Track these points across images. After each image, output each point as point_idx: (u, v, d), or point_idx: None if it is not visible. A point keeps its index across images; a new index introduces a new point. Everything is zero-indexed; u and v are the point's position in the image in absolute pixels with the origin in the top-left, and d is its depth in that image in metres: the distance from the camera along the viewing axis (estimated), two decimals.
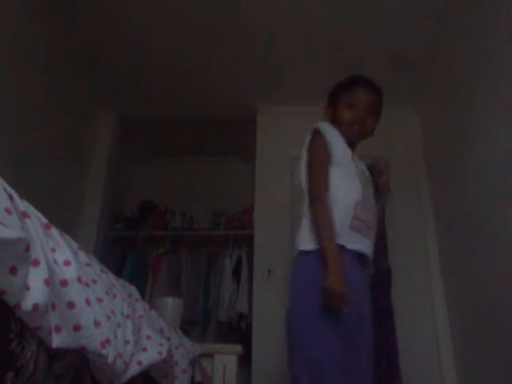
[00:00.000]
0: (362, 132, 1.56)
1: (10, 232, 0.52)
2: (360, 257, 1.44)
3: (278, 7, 2.57)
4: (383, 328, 2.66)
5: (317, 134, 1.53)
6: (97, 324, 0.71)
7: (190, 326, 3.25)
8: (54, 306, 0.63)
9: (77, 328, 0.67)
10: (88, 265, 0.84)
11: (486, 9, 2.24)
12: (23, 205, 0.61)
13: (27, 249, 0.56)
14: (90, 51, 2.95)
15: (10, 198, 0.57)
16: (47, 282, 0.59)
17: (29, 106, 2.46)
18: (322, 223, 1.39)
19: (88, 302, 0.71)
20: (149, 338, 1.01)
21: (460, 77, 2.60)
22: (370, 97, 1.56)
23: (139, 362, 0.90)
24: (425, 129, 3.23)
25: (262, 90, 3.31)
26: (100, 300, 0.79)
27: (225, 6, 2.57)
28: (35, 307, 0.57)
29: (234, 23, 2.69)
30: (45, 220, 0.69)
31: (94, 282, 0.81)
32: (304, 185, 1.54)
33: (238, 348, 1.91)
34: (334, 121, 1.58)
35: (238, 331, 3.27)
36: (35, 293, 0.57)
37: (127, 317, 0.93)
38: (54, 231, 0.70)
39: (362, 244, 1.45)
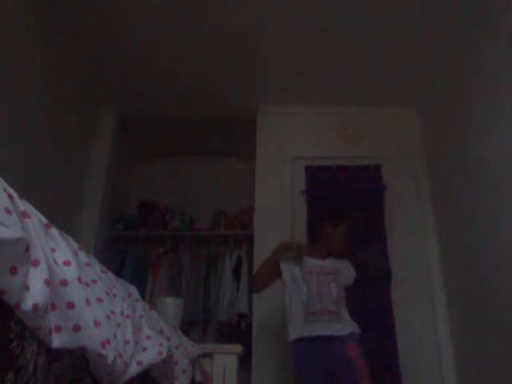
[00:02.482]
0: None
1: (10, 232, 0.52)
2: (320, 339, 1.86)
3: (279, 8, 2.57)
4: (383, 328, 2.66)
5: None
6: (97, 324, 0.71)
7: (190, 325, 3.25)
8: (53, 306, 0.63)
9: (77, 328, 0.67)
10: (88, 265, 0.83)
11: (486, 9, 2.25)
12: (23, 205, 0.61)
13: (27, 249, 0.56)
14: (91, 51, 2.95)
15: (10, 197, 0.57)
16: (47, 282, 0.59)
17: (29, 106, 2.46)
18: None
19: (88, 302, 0.70)
20: (149, 338, 1.01)
21: (460, 76, 2.60)
22: None
23: (139, 362, 0.90)
24: (425, 128, 3.23)
25: (262, 90, 3.31)
26: (100, 300, 0.79)
27: (225, 6, 2.57)
28: (35, 307, 0.57)
29: (234, 23, 2.70)
30: (45, 220, 0.68)
31: (94, 282, 0.81)
32: None
33: (238, 348, 1.90)
34: None
35: (238, 331, 3.26)
36: (35, 293, 0.57)
37: (127, 317, 0.93)
38: (54, 231, 0.70)
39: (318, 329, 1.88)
